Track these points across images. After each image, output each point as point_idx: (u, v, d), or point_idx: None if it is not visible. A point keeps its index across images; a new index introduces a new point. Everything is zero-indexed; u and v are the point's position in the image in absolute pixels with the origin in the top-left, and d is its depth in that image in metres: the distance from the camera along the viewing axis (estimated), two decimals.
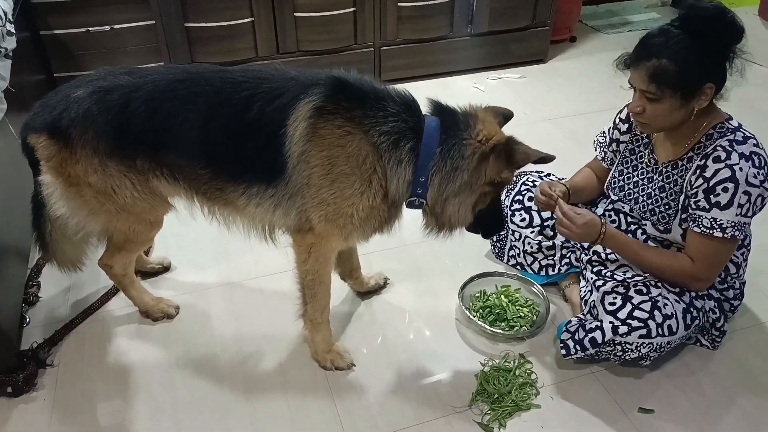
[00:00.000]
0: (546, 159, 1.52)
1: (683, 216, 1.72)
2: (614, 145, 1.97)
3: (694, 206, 1.66)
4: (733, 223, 1.61)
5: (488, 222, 1.71)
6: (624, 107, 1.96)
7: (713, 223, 1.62)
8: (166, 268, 2.20)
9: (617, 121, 1.97)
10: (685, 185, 1.70)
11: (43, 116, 1.58)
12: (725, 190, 1.59)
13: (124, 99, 1.55)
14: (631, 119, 1.91)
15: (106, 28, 3.12)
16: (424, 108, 1.62)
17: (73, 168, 1.59)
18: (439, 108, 1.61)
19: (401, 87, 1.63)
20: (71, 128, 1.55)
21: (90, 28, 3.08)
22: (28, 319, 1.97)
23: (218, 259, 2.28)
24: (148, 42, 3.19)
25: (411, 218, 1.82)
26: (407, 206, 1.65)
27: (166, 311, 1.99)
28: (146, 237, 1.84)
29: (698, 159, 1.66)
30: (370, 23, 3.45)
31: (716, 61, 1.55)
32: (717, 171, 1.60)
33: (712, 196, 1.61)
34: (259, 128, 1.54)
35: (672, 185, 1.76)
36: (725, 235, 1.61)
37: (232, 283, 2.18)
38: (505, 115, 1.68)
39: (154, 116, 1.55)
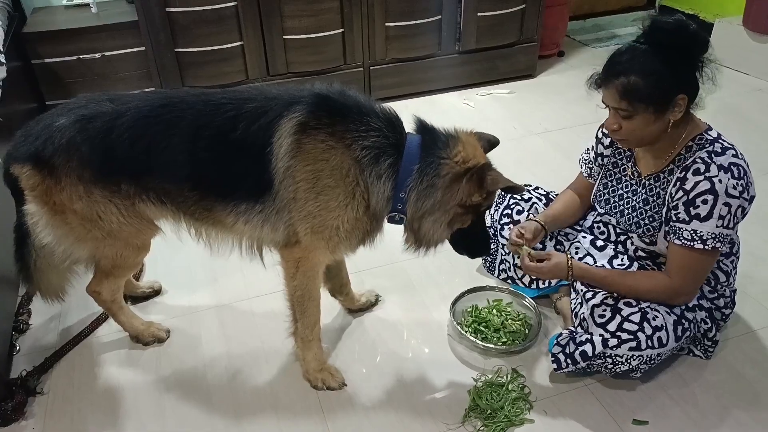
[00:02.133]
0: (515, 189, 1.58)
1: (666, 228, 1.72)
2: (599, 159, 1.98)
3: (674, 218, 1.66)
4: (713, 235, 1.61)
5: (469, 242, 1.72)
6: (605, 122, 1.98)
7: (693, 234, 1.62)
8: (156, 292, 2.20)
9: (600, 135, 1.98)
10: (666, 198, 1.71)
11: (26, 146, 1.59)
12: (705, 202, 1.59)
13: (108, 126, 1.57)
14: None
15: (97, 55, 3.16)
16: (409, 125, 1.65)
17: (58, 196, 1.60)
18: (422, 126, 1.63)
19: (388, 104, 1.65)
20: (55, 157, 1.56)
21: (81, 56, 3.13)
22: (17, 347, 1.96)
23: (208, 282, 2.28)
24: (139, 68, 3.23)
25: (401, 234, 1.82)
26: (389, 221, 1.67)
27: (156, 335, 1.98)
28: (134, 262, 1.84)
29: (678, 171, 1.67)
30: (359, 43, 3.50)
31: (685, 72, 1.57)
32: (696, 183, 1.61)
33: (692, 208, 1.61)
34: (245, 147, 1.56)
35: (655, 198, 1.76)
36: (706, 247, 1.61)
37: (222, 305, 2.17)
38: (491, 142, 1.70)
39: (138, 142, 1.57)
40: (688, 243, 1.63)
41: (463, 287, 2.13)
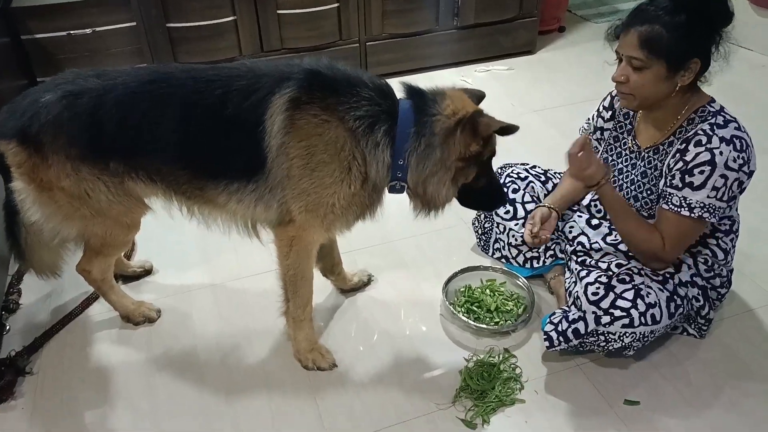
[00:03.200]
0: (508, 129, 1.50)
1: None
2: (598, 132, 1.95)
3: (667, 184, 1.65)
4: (702, 204, 1.59)
5: (480, 196, 1.68)
6: (608, 95, 1.94)
7: (682, 201, 1.61)
8: (147, 272, 2.18)
9: (601, 108, 1.95)
10: (664, 169, 1.68)
11: (11, 122, 1.55)
12: (702, 172, 1.58)
13: (95, 102, 1.53)
14: (614, 105, 1.89)
15: (88, 31, 3.10)
16: (399, 93, 1.61)
17: (45, 173, 1.57)
18: (411, 90, 1.59)
19: (377, 75, 1.61)
20: (42, 134, 1.53)
21: (71, 32, 3.07)
22: (8, 327, 1.95)
23: (200, 261, 2.26)
24: (131, 44, 3.17)
25: (396, 213, 1.80)
26: (390, 191, 1.64)
27: (147, 315, 1.97)
28: (123, 240, 1.82)
29: (678, 143, 1.64)
30: (354, 18, 3.42)
31: (704, 39, 1.55)
32: (697, 155, 1.58)
33: (687, 176, 1.60)
34: (236, 125, 1.53)
35: (653, 170, 1.74)
36: (692, 215, 1.60)
37: (214, 284, 2.16)
38: (477, 95, 1.66)
39: (127, 119, 1.54)
40: (675, 209, 1.62)
41: (458, 266, 2.11)
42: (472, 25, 3.68)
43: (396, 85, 1.62)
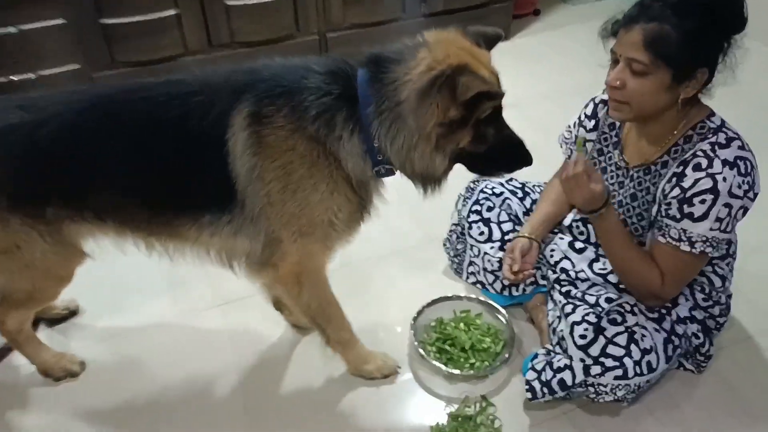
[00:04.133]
0: (493, 95, 1.24)
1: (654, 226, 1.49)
2: None
3: (664, 214, 1.44)
4: (704, 238, 1.38)
5: (487, 161, 1.37)
6: (590, 101, 1.71)
7: (681, 234, 1.40)
8: (73, 313, 1.91)
9: (583, 117, 1.72)
10: (657, 194, 1.47)
11: None
12: (702, 201, 1.36)
13: (24, 142, 1.29)
14: (597, 113, 1.66)
15: (12, 29, 2.76)
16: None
17: None
18: (368, 58, 1.31)
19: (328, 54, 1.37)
20: None
21: None
22: None
23: (133, 299, 1.99)
24: (62, 44, 2.83)
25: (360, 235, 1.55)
26: (378, 176, 1.39)
27: (68, 369, 1.72)
28: (53, 293, 1.60)
29: (675, 165, 1.42)
30: (312, 8, 3.12)
31: (715, 47, 1.33)
32: (696, 181, 1.37)
33: (685, 206, 1.38)
34: (198, 150, 1.33)
35: (644, 193, 1.52)
36: (693, 250, 1.40)
37: (150, 324, 1.90)
38: (488, 36, 1.36)
39: (67, 157, 1.31)
40: (674, 243, 1.41)
41: (427, 293, 1.88)
42: (441, 12, 3.40)
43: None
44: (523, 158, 1.39)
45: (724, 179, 1.34)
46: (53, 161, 1.30)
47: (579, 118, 1.74)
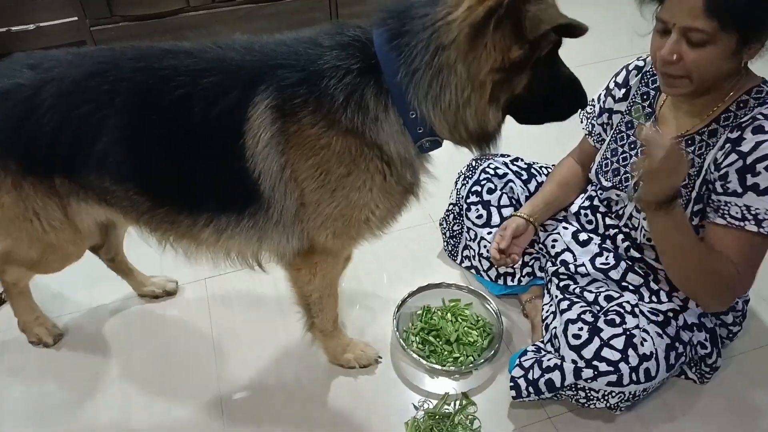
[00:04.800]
0: (575, 29, 1.01)
1: (695, 208, 1.32)
2: (605, 116, 1.56)
3: (720, 190, 1.25)
4: None
5: (542, 106, 1.17)
6: (622, 69, 1.53)
7: (745, 213, 1.22)
8: (169, 293, 1.85)
9: (612, 85, 1.55)
10: (706, 166, 1.28)
11: None
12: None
13: (26, 106, 1.20)
14: (630, 82, 1.48)
15: None
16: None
17: None
18: (383, 13, 1.12)
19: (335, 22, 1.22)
20: None
21: None
22: None
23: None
24: None
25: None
26: (422, 152, 1.21)
27: (41, 338, 1.68)
28: (58, 267, 1.53)
29: (728, 131, 1.25)
30: None
31: None
32: (759, 144, 1.19)
33: (749, 176, 1.20)
34: (207, 141, 1.17)
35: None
36: (761, 230, 1.22)
37: (130, 296, 1.83)
38: None
39: (62, 126, 1.19)
40: (737, 223, 1.23)
41: (419, 278, 1.77)
42: None
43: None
44: (581, 99, 1.20)
45: None
46: (50, 129, 1.20)
47: (607, 87, 1.57)
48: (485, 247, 1.75)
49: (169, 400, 1.55)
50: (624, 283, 1.49)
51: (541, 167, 1.84)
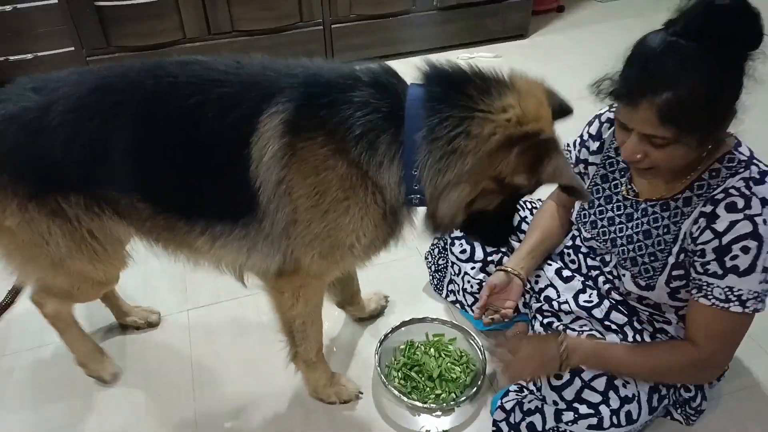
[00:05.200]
0: (577, 194, 1.13)
1: (674, 273, 1.31)
2: (581, 166, 1.54)
3: (701, 269, 1.23)
4: (755, 294, 1.19)
5: (489, 228, 1.28)
6: (595, 119, 1.51)
7: (728, 294, 1.20)
8: (151, 325, 1.83)
9: (585, 136, 1.52)
10: (683, 236, 1.27)
11: None
12: (745, 250, 1.17)
13: (34, 127, 1.21)
14: (603, 135, 1.47)
15: (8, 7, 2.71)
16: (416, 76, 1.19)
17: None
18: (430, 72, 1.16)
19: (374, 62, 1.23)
20: None
21: None
22: None
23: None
24: (57, 24, 2.77)
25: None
26: (408, 206, 1.26)
27: (99, 375, 1.66)
28: (94, 295, 1.55)
29: (701, 203, 1.23)
30: None
31: (736, 78, 1.10)
32: (733, 224, 1.17)
33: (727, 259, 1.19)
34: (212, 150, 1.20)
35: (662, 231, 1.32)
36: (745, 310, 1.20)
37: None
38: (563, 107, 1.22)
39: (72, 141, 1.21)
40: (721, 304, 1.21)
41: (404, 310, 1.77)
42: (454, 6, 3.24)
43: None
44: (506, 243, 1.42)
45: (765, 221, 1.15)
46: (58, 147, 1.21)
47: (581, 137, 1.55)
48: (469, 282, 1.73)
49: None
50: (607, 322, 1.47)
51: (525, 201, 1.84)
